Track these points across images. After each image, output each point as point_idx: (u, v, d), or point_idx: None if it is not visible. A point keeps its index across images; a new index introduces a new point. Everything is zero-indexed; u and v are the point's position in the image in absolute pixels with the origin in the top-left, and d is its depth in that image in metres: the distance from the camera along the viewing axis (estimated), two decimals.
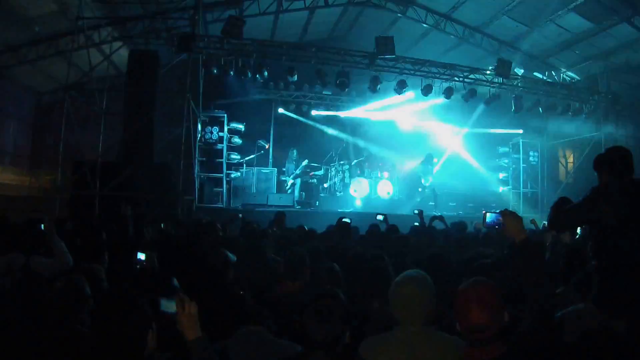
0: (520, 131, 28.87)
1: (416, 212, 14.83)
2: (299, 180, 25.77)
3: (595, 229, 6.16)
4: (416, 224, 14.48)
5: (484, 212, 15.61)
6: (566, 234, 10.21)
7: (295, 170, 25.81)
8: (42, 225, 8.57)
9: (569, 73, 27.64)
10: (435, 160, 26.41)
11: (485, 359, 3.88)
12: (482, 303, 3.94)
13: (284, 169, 26.56)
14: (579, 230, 11.24)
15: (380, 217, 13.81)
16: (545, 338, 4.41)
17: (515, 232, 4.68)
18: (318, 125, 28.87)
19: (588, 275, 6.11)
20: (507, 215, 4.85)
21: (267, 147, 27.28)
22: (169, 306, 4.20)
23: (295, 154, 26.18)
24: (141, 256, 8.01)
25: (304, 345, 4.36)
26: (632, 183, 6.06)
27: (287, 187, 25.60)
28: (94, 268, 6.98)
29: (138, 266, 7.98)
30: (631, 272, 5.70)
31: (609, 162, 6.27)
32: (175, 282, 6.47)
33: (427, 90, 24.00)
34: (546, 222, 6.89)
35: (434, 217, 14.71)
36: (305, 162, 26.00)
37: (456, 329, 4.23)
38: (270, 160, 28.01)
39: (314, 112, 28.54)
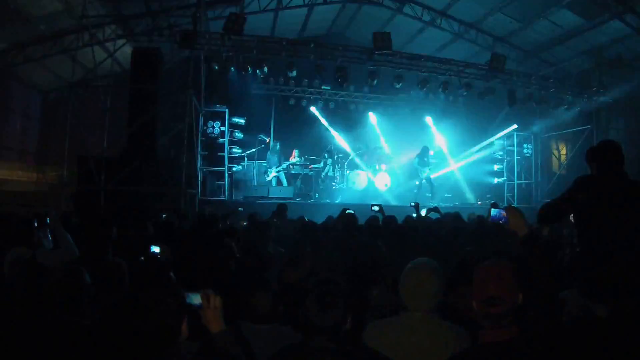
0: (515, 125, 29.14)
1: (412, 205, 15.25)
2: (282, 173, 25.94)
3: (578, 217, 6.51)
4: (413, 215, 14.90)
5: (490, 203, 16.16)
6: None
7: (279, 163, 25.93)
8: (48, 219, 8.59)
9: (562, 67, 27.94)
10: (431, 152, 26.66)
11: (499, 340, 3.97)
12: (500, 277, 4.07)
13: (264, 163, 26.54)
14: None
15: (375, 208, 14.00)
16: (553, 324, 4.56)
17: (518, 227, 4.85)
18: (317, 119, 29.18)
19: (573, 263, 6.47)
20: (511, 210, 5.04)
21: (267, 141, 27.42)
22: (193, 298, 4.29)
23: (278, 146, 26.26)
24: (155, 249, 8.18)
25: (306, 331, 4.37)
26: (619, 174, 6.39)
27: (268, 179, 25.65)
28: (119, 262, 7.06)
29: (152, 258, 8.13)
30: (613, 259, 5.95)
31: (599, 154, 6.58)
32: (172, 275, 6.55)
33: (423, 85, 24.46)
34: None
35: (430, 209, 15.09)
36: (297, 160, 26.34)
37: (466, 310, 4.48)
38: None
39: (312, 107, 28.83)
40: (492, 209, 5.28)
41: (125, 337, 3.99)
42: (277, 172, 25.52)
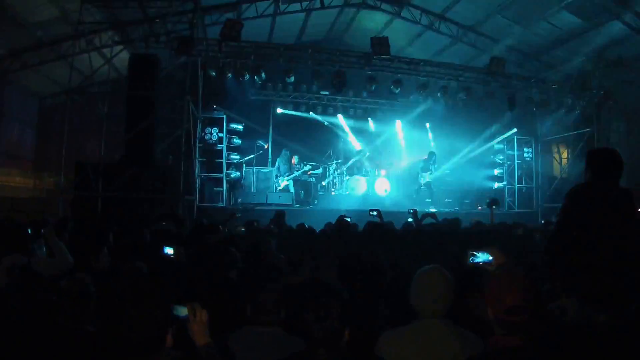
0: (515, 130, 29.03)
1: (410, 211, 15.18)
2: (292, 181, 25.86)
3: (575, 226, 6.45)
4: (410, 220, 14.83)
5: (489, 201, 16.13)
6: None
7: (289, 171, 25.82)
8: (42, 229, 8.61)
9: (562, 70, 27.86)
10: (436, 158, 26.62)
11: (509, 347, 4.04)
12: (521, 286, 4.15)
13: (274, 169, 26.49)
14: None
15: (373, 213, 13.97)
16: (556, 331, 4.69)
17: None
18: (316, 125, 29.04)
19: (572, 270, 6.41)
20: (494, 252, 5.37)
21: (266, 147, 27.43)
22: (180, 311, 4.34)
23: (288, 154, 26.17)
24: (169, 250, 8.17)
25: (306, 341, 4.40)
26: (611, 186, 6.39)
27: (280, 188, 25.54)
28: (137, 265, 7.24)
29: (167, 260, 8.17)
30: (610, 268, 5.96)
31: (595, 162, 6.57)
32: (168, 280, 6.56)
33: (422, 89, 24.34)
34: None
35: (425, 215, 15.00)
36: (307, 168, 26.00)
37: (480, 316, 4.52)
38: (270, 160, 28.03)
39: (311, 113, 28.72)
40: (479, 255, 5.36)
41: (113, 344, 4.03)
42: (288, 180, 25.39)
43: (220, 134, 24.90)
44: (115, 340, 3.94)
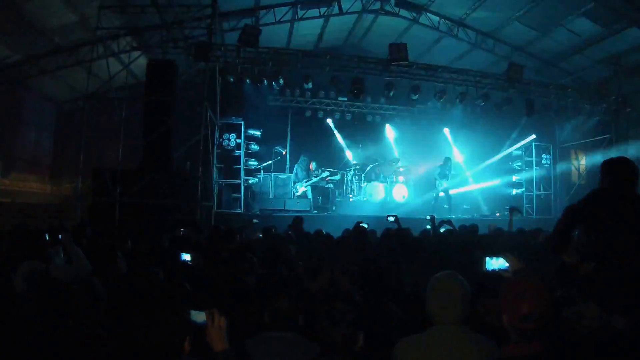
0: (534, 136, 28.92)
1: (428, 217, 15.13)
2: (309, 187, 25.78)
3: (591, 230, 6.47)
4: (428, 227, 14.79)
5: (510, 208, 16.07)
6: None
7: (307, 177, 25.74)
8: (60, 236, 8.63)
9: (580, 76, 27.74)
10: (452, 164, 26.50)
11: (528, 354, 4.02)
12: (535, 294, 4.12)
13: (292, 175, 26.42)
14: None
15: (391, 218, 13.94)
16: (573, 337, 4.64)
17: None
18: (334, 131, 29.03)
19: (589, 275, 6.38)
20: (511, 259, 5.35)
21: (284, 153, 27.43)
22: (198, 317, 4.37)
23: (306, 160, 26.10)
24: (186, 257, 8.33)
25: (321, 347, 4.58)
26: (628, 192, 6.38)
27: (298, 194, 25.46)
28: (154, 271, 7.25)
29: (185, 266, 8.27)
30: (629, 272, 5.96)
31: (609, 170, 6.59)
32: (188, 286, 6.61)
33: (440, 96, 24.30)
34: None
35: (442, 222, 14.96)
36: (325, 174, 25.90)
37: (496, 323, 4.49)
38: (287, 166, 28.07)
39: (329, 120, 28.74)
40: (496, 261, 5.34)
41: (131, 350, 4.07)
42: (306, 186, 25.32)
43: (238, 140, 24.86)
44: (132, 345, 3.99)
